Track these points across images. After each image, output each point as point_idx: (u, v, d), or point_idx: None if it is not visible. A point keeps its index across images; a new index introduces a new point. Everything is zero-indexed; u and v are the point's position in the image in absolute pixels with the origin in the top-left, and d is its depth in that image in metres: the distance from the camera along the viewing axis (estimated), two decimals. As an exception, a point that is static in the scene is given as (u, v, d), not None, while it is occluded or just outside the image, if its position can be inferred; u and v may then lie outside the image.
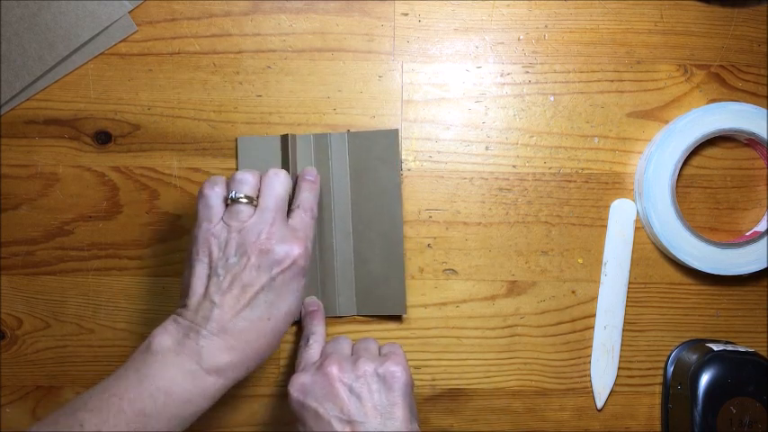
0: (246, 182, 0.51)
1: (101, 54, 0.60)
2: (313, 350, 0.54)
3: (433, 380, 0.60)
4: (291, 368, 0.60)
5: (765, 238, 0.59)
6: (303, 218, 0.52)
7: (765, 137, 0.58)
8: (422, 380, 0.60)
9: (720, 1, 0.61)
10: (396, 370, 0.50)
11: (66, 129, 0.60)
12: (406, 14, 0.60)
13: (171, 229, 0.60)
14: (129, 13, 0.59)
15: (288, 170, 0.56)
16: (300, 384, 0.49)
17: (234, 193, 0.50)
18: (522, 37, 0.61)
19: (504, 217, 0.60)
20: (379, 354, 0.53)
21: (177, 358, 0.46)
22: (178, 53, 0.60)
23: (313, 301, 0.58)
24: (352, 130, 0.60)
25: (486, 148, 0.61)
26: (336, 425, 0.47)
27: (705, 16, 0.61)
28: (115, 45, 0.60)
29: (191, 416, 0.47)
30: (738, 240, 0.60)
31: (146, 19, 0.60)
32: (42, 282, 0.60)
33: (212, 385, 0.47)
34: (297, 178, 0.56)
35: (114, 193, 0.60)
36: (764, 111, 0.58)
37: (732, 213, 0.61)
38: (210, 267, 0.49)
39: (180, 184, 0.60)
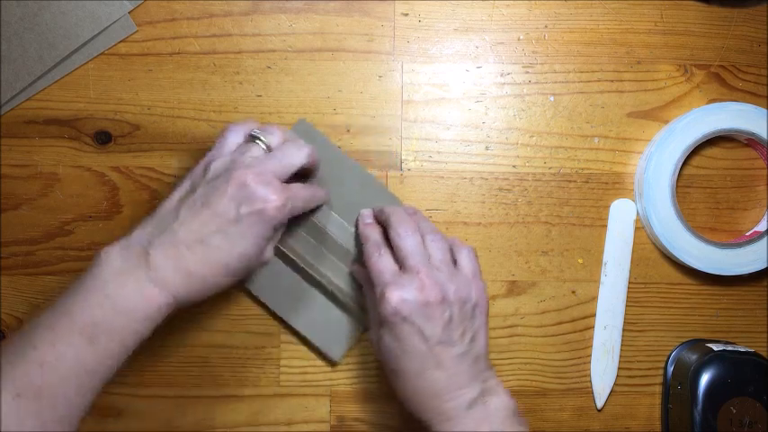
0: (273, 133, 0.52)
1: (101, 54, 0.60)
2: (388, 258, 0.53)
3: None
4: (291, 368, 0.60)
5: (765, 238, 0.59)
6: (300, 186, 0.52)
7: (765, 137, 0.58)
8: (422, 380, 0.60)
9: (720, 1, 0.60)
10: (484, 299, 0.52)
11: (66, 129, 0.60)
12: (406, 14, 0.60)
13: (171, 229, 0.60)
14: (129, 13, 0.59)
15: None
16: (402, 300, 0.49)
17: (256, 131, 0.51)
18: (522, 37, 0.61)
19: (504, 217, 0.60)
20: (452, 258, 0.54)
21: (124, 265, 0.46)
22: (178, 53, 0.60)
23: (368, 213, 0.57)
24: (351, 130, 0.60)
25: (487, 148, 0.61)
26: (431, 344, 0.49)
27: (705, 16, 0.61)
28: (115, 45, 0.60)
29: (140, 329, 0.46)
30: (738, 240, 0.60)
31: (146, 19, 0.60)
32: (42, 282, 0.60)
33: (156, 296, 0.46)
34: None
35: (114, 193, 0.60)
36: (764, 111, 0.58)
37: (732, 213, 0.61)
38: (191, 185, 0.50)
39: (180, 184, 0.60)
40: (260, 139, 0.51)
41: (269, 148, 0.51)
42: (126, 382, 0.59)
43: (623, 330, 0.60)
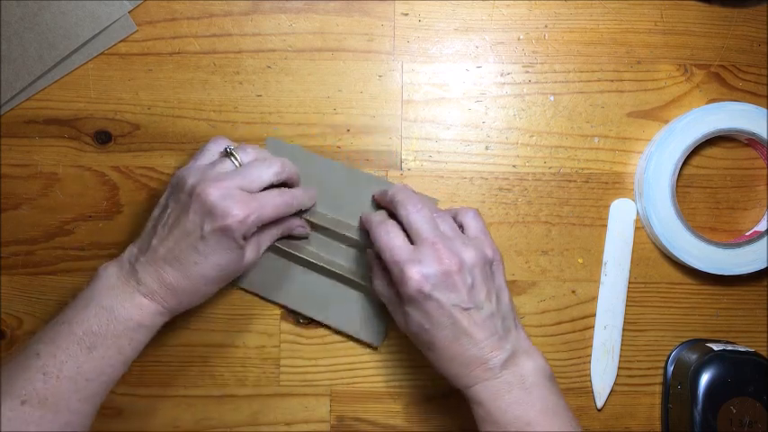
0: (247, 152, 0.54)
1: (101, 54, 0.60)
2: (399, 235, 0.52)
3: (433, 380, 0.60)
4: (291, 368, 0.60)
5: (765, 238, 0.59)
6: (274, 193, 0.52)
7: (765, 137, 0.58)
8: (422, 380, 0.60)
9: (721, 1, 0.61)
10: (498, 255, 0.53)
11: (66, 128, 0.60)
12: (406, 14, 0.60)
13: (171, 229, 0.60)
14: (129, 12, 0.59)
15: None
16: (422, 275, 0.49)
17: (231, 147, 0.53)
18: (522, 37, 0.61)
19: (504, 217, 0.60)
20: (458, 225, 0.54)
21: (118, 281, 0.50)
22: (178, 53, 0.60)
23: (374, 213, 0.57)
24: (351, 130, 0.60)
25: (486, 148, 0.61)
26: (456, 312, 0.49)
27: (705, 16, 0.61)
28: (115, 45, 0.60)
29: (135, 337, 0.50)
30: (738, 240, 0.60)
31: (146, 19, 0.60)
32: (42, 282, 0.60)
33: (147, 306, 0.50)
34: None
35: (114, 192, 0.60)
36: (764, 110, 0.58)
37: (732, 213, 0.61)
38: (165, 200, 0.52)
39: (180, 184, 0.60)
40: (234, 156, 0.53)
41: (240, 165, 0.53)
42: (126, 381, 0.59)
43: (623, 330, 0.60)
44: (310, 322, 0.60)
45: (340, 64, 0.60)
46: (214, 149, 0.54)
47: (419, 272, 0.49)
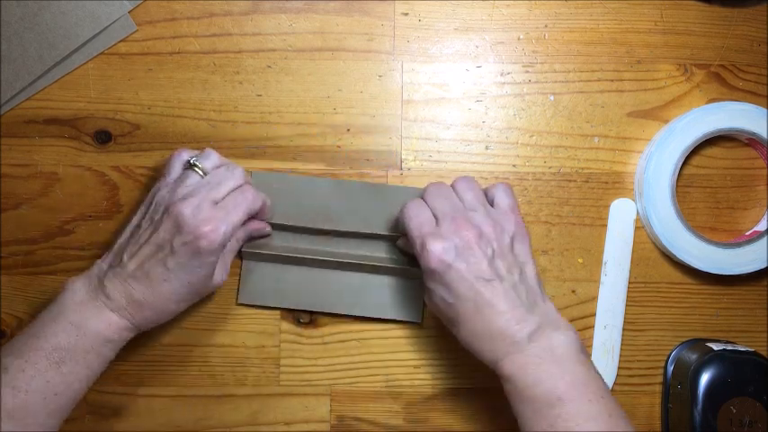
0: (210, 158, 0.54)
1: (101, 54, 0.60)
2: (426, 213, 0.53)
3: (433, 380, 0.60)
4: (291, 368, 0.60)
5: (765, 238, 0.58)
6: (235, 196, 0.53)
7: (765, 136, 0.58)
8: (422, 380, 0.60)
9: (721, 1, 0.61)
10: (523, 231, 0.53)
11: (66, 128, 0.60)
12: (406, 14, 0.60)
13: (171, 229, 0.60)
14: (128, 12, 0.59)
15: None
16: (442, 249, 0.50)
17: (194, 159, 0.54)
18: (522, 36, 0.61)
19: (504, 217, 0.60)
20: (488, 199, 0.54)
21: (87, 296, 0.51)
22: (178, 53, 0.60)
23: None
24: (351, 129, 0.60)
25: (486, 148, 0.61)
26: (478, 283, 0.49)
27: (705, 16, 0.61)
28: (115, 45, 0.60)
29: (103, 351, 0.50)
30: (738, 240, 0.60)
31: (146, 18, 0.60)
32: (42, 281, 0.60)
33: (116, 322, 0.51)
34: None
35: (114, 192, 0.60)
36: (764, 110, 0.58)
37: (732, 213, 0.61)
38: (140, 218, 0.53)
39: (180, 184, 0.60)
40: (196, 166, 0.53)
41: (204, 173, 0.54)
42: (126, 382, 0.59)
43: (623, 330, 0.60)
44: (311, 322, 0.60)
45: (340, 64, 0.60)
46: (178, 164, 0.54)
47: (440, 245, 0.50)
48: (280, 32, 0.60)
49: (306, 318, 0.60)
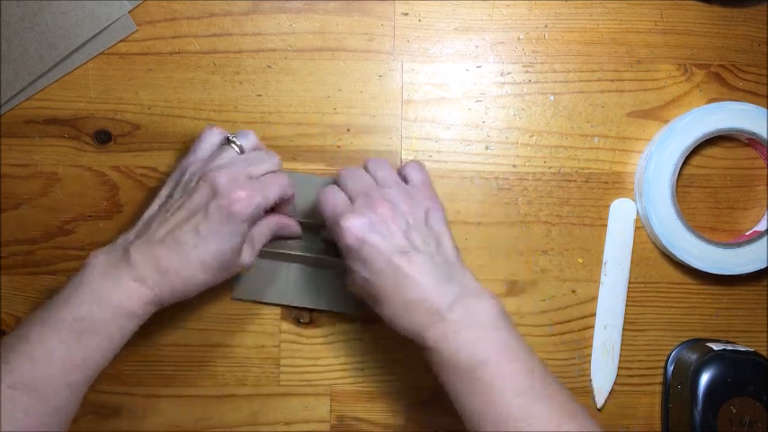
0: (248, 137, 0.55)
1: (101, 54, 0.60)
2: (340, 195, 0.53)
3: (434, 379, 0.60)
4: (291, 368, 0.60)
5: (765, 238, 0.59)
6: (271, 177, 0.53)
7: (765, 136, 0.58)
8: (422, 380, 0.60)
9: (721, 1, 0.61)
10: (437, 205, 0.53)
11: (66, 128, 0.60)
12: (406, 14, 0.60)
13: (171, 229, 0.60)
14: (128, 12, 0.59)
15: None
16: (358, 226, 0.50)
17: (232, 135, 0.54)
18: (522, 36, 0.61)
19: (505, 217, 0.60)
20: (401, 177, 0.55)
21: (108, 267, 0.49)
22: (178, 53, 0.60)
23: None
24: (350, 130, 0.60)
25: (487, 148, 0.61)
26: (395, 257, 0.49)
27: (705, 16, 0.61)
28: (115, 45, 0.60)
29: (125, 324, 0.49)
30: (738, 240, 0.60)
31: (146, 18, 0.60)
32: (42, 281, 0.60)
33: (137, 292, 0.49)
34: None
35: (114, 192, 0.60)
36: (764, 110, 0.58)
37: (732, 213, 0.61)
38: (169, 191, 0.53)
39: (180, 184, 0.60)
40: (234, 143, 0.53)
41: (242, 151, 0.54)
42: (126, 382, 0.59)
43: (623, 330, 0.60)
44: (311, 322, 0.60)
45: (340, 64, 0.60)
46: (211, 140, 0.54)
47: (353, 222, 0.50)
48: (280, 32, 0.60)
49: (306, 317, 0.60)
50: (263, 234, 0.55)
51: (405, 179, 0.55)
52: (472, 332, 0.48)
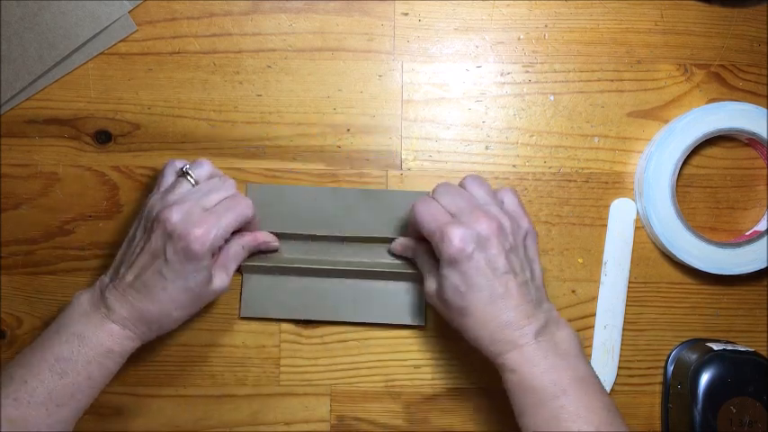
0: (202, 167, 0.55)
1: (101, 54, 0.60)
2: (438, 206, 0.53)
3: (433, 380, 0.60)
4: (291, 368, 0.60)
5: (765, 238, 0.58)
6: (226, 204, 0.53)
7: (765, 136, 0.58)
8: (422, 379, 0.60)
9: (721, 1, 0.61)
10: (533, 230, 0.54)
11: (66, 128, 0.60)
12: (406, 14, 0.60)
13: (171, 229, 0.60)
14: (128, 12, 0.59)
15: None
16: (464, 236, 0.50)
17: (186, 167, 0.54)
18: (522, 36, 0.61)
19: (504, 216, 0.60)
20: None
21: (90, 308, 0.51)
22: (178, 53, 0.60)
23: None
24: (350, 130, 0.60)
25: (486, 148, 0.61)
26: (494, 275, 0.50)
27: (705, 16, 0.61)
28: (115, 45, 0.60)
29: (105, 363, 0.50)
30: (738, 240, 0.60)
31: (146, 18, 0.60)
32: (42, 281, 0.60)
33: (117, 332, 0.51)
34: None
35: (114, 192, 0.60)
36: (764, 110, 0.58)
37: (732, 213, 0.61)
38: (135, 229, 0.53)
39: (180, 184, 0.60)
40: (189, 174, 0.54)
41: (196, 182, 0.54)
42: (126, 382, 0.59)
43: (623, 330, 0.60)
44: (310, 322, 0.60)
45: (340, 64, 0.60)
46: (171, 173, 0.55)
47: (461, 233, 0.50)
48: (280, 32, 0.60)
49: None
50: (237, 254, 0.56)
51: (499, 202, 0.54)
52: (557, 360, 0.49)
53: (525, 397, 0.49)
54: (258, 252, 0.58)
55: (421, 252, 0.56)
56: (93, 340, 0.50)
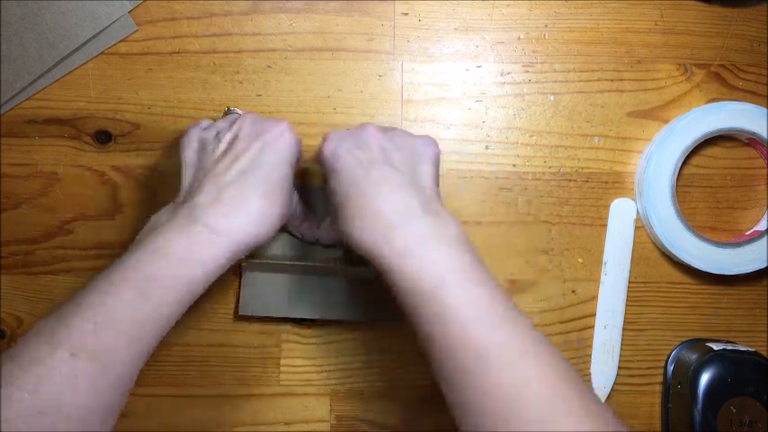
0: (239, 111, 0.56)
1: (101, 53, 0.60)
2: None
3: (433, 380, 0.60)
4: (291, 368, 0.60)
5: (765, 238, 0.59)
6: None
7: (765, 136, 0.58)
8: (422, 380, 0.60)
9: (721, 1, 0.61)
10: (431, 149, 0.49)
11: (66, 128, 0.60)
12: (406, 14, 0.60)
13: (171, 229, 0.60)
14: (128, 12, 0.59)
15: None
16: (338, 142, 0.49)
17: (230, 108, 0.56)
18: (522, 36, 0.61)
19: (504, 216, 0.60)
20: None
21: (171, 217, 0.46)
22: (178, 52, 0.60)
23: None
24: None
25: (486, 148, 0.61)
26: (369, 166, 0.47)
27: (705, 15, 0.61)
28: (115, 44, 0.60)
29: (195, 278, 0.45)
30: (738, 240, 0.60)
31: (146, 18, 0.60)
32: (42, 281, 0.60)
33: (206, 239, 0.45)
34: None
35: (115, 192, 0.60)
36: (764, 110, 0.58)
37: (732, 213, 0.61)
38: (201, 149, 0.50)
39: (180, 184, 0.60)
40: (235, 111, 0.55)
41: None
42: (126, 381, 0.59)
43: (623, 330, 0.60)
44: (313, 322, 0.60)
45: (340, 64, 0.60)
46: (203, 123, 0.53)
47: (334, 139, 0.49)
48: (280, 32, 0.60)
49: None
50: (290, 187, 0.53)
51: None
52: (439, 248, 0.44)
53: (406, 297, 0.44)
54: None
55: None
56: (180, 254, 0.45)
